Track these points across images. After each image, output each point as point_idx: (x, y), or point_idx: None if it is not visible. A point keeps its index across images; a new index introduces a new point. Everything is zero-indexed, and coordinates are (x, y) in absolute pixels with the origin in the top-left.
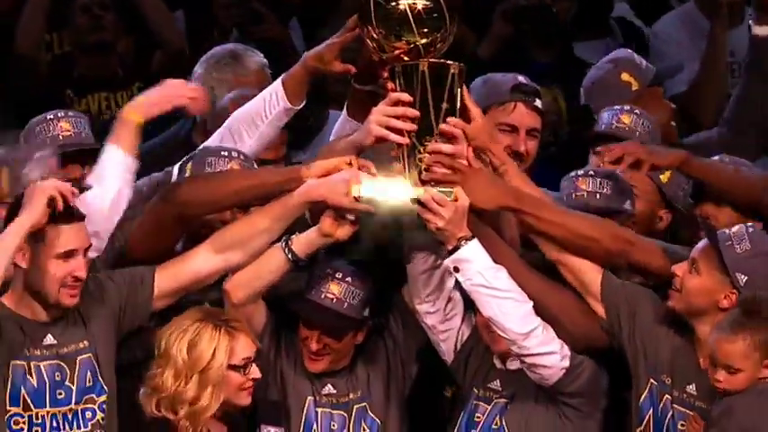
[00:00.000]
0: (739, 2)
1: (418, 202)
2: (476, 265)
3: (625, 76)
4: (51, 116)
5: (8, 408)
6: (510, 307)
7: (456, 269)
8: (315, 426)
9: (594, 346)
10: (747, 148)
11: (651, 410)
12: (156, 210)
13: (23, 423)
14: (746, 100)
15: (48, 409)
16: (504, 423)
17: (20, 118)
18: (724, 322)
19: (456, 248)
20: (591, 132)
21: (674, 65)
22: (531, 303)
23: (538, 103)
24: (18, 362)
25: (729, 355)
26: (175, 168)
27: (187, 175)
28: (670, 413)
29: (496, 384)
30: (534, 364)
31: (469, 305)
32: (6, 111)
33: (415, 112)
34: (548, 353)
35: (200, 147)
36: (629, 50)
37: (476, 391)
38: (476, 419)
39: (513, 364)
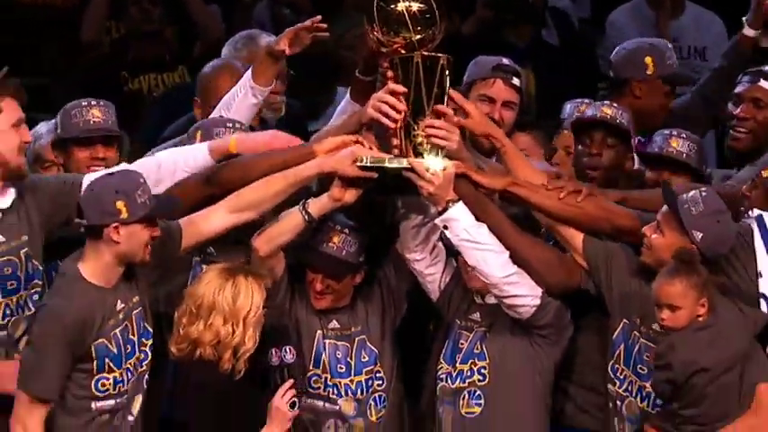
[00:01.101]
0: None
1: (412, 170)
2: (462, 223)
3: (648, 59)
4: (85, 103)
5: (95, 374)
6: (490, 257)
7: (445, 227)
8: (324, 354)
9: (568, 289)
10: (704, 120)
11: (623, 344)
12: (198, 187)
13: (109, 384)
14: (724, 77)
15: (123, 366)
16: (484, 348)
17: (87, 94)
18: (664, 270)
19: (445, 210)
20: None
21: (689, 75)
22: (508, 253)
23: (516, 81)
24: (100, 340)
25: (670, 296)
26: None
27: (197, 141)
28: (637, 346)
29: (476, 316)
30: (511, 304)
31: (451, 252)
32: (73, 90)
33: (403, 106)
34: (522, 294)
35: (206, 119)
36: (667, 43)
37: (458, 322)
38: (460, 346)
39: (490, 299)
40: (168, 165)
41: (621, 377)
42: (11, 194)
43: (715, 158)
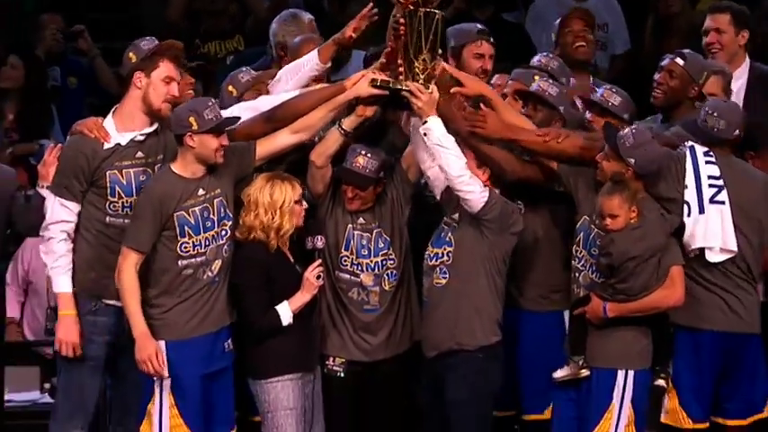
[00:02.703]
0: None
1: (409, 91)
2: (436, 132)
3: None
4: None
5: (178, 239)
6: (452, 159)
7: (425, 134)
8: (352, 241)
9: (524, 179)
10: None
11: (582, 233)
12: (262, 124)
13: (189, 247)
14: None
15: (202, 235)
16: (450, 237)
17: None
18: (604, 189)
19: (426, 122)
20: None
21: None
22: (465, 160)
23: (491, 40)
24: (180, 212)
25: (611, 207)
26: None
27: (230, 89)
28: (592, 235)
29: (456, 216)
30: (465, 198)
31: None
32: None
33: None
34: (472, 191)
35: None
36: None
37: (445, 218)
38: (441, 235)
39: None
40: (290, 68)
41: (580, 256)
42: (154, 126)
43: None
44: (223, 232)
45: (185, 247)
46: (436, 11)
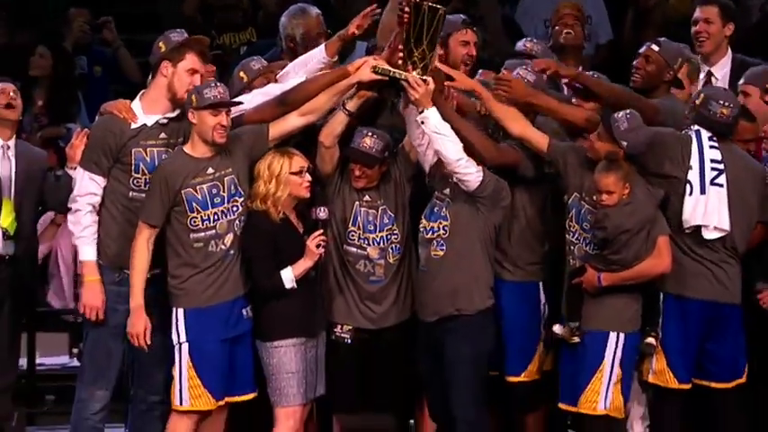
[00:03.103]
0: None
1: (407, 81)
2: (432, 120)
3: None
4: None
5: (187, 213)
6: (450, 145)
7: (423, 122)
8: (359, 217)
9: (502, 165)
10: None
11: (574, 209)
12: (275, 108)
13: (198, 221)
14: None
15: (210, 210)
16: (445, 212)
17: None
18: (600, 167)
19: (422, 111)
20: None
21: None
22: (461, 145)
23: (475, 29)
24: (186, 189)
25: (607, 184)
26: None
27: (241, 75)
28: (583, 210)
29: (447, 192)
30: (461, 179)
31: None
32: None
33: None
34: (469, 173)
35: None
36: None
37: (436, 194)
38: (435, 209)
39: (454, 180)
40: (299, 62)
41: (573, 230)
42: (177, 111)
43: None
44: (234, 208)
45: (194, 222)
46: (439, 6)
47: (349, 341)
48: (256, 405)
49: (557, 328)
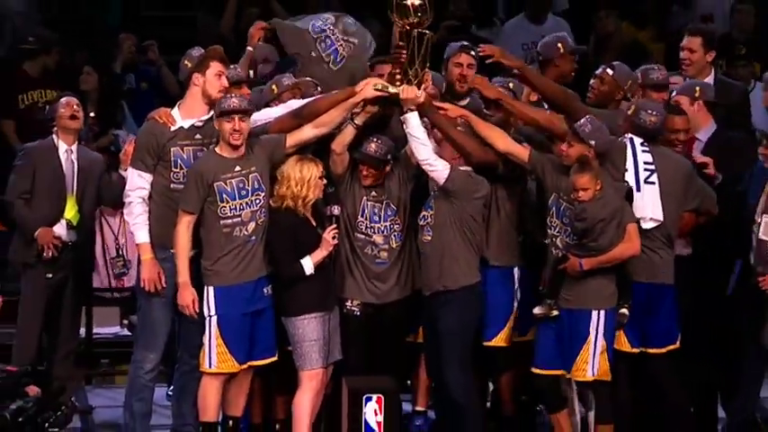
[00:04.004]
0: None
1: (398, 94)
2: (411, 122)
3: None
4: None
5: (218, 203)
6: (420, 146)
7: (404, 122)
8: (366, 210)
9: (484, 163)
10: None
11: (554, 207)
12: (291, 120)
13: (227, 210)
14: None
15: (237, 201)
16: (432, 202)
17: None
18: (574, 169)
19: (405, 112)
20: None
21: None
22: (431, 147)
23: (473, 53)
24: (218, 182)
25: (582, 183)
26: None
27: (273, 87)
28: (562, 207)
29: (436, 186)
30: (430, 174)
31: None
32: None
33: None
34: (435, 169)
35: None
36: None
37: (432, 189)
38: (428, 201)
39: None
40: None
41: (554, 225)
42: (210, 114)
43: None
44: (257, 200)
45: (224, 210)
46: (426, 32)
47: (358, 314)
48: (284, 372)
49: (537, 310)
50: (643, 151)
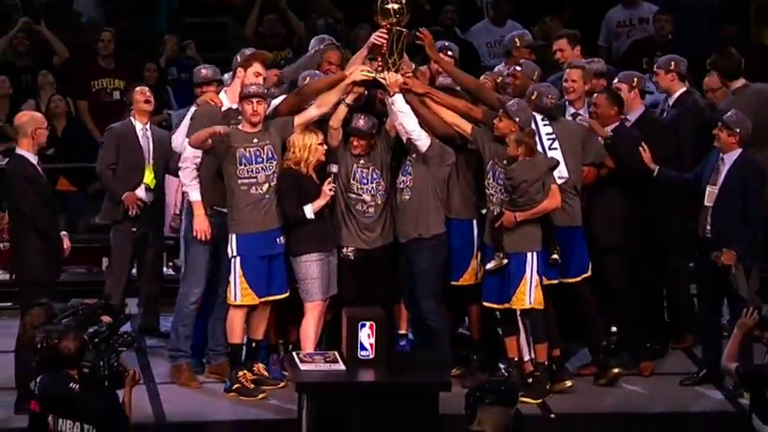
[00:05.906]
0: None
1: (384, 79)
2: (398, 103)
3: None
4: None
5: (237, 165)
6: (407, 119)
7: (392, 103)
8: (357, 174)
9: (446, 136)
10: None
11: (491, 171)
12: (294, 98)
13: (244, 172)
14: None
15: (253, 165)
16: (410, 169)
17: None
18: (508, 139)
19: (392, 95)
20: None
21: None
22: (417, 120)
23: (450, 52)
24: (241, 149)
25: (511, 149)
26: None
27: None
28: (498, 172)
29: (413, 155)
30: (416, 144)
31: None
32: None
33: (384, 41)
34: (420, 138)
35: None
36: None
37: (408, 157)
38: (405, 168)
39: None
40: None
41: (491, 186)
42: None
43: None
44: (270, 167)
45: (242, 172)
46: (403, 29)
47: (352, 258)
48: (294, 304)
49: (489, 265)
50: (544, 125)
